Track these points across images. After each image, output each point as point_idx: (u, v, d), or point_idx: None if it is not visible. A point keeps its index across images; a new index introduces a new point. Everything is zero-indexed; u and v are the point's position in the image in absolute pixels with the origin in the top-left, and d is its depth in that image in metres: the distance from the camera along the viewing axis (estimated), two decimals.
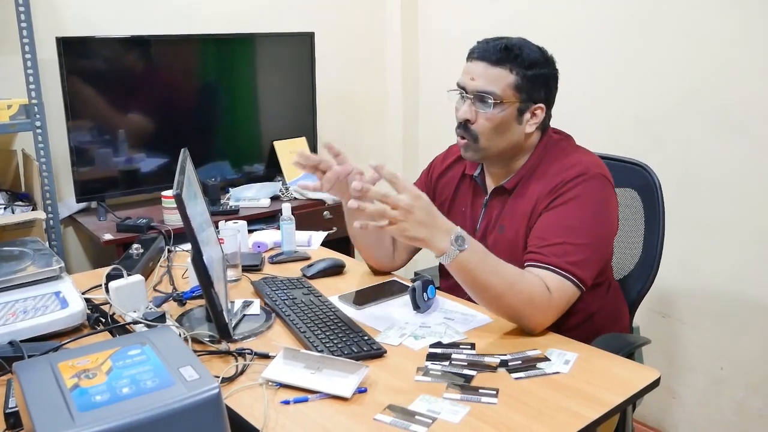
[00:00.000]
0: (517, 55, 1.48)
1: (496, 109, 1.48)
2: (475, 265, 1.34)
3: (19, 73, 2.23)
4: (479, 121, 1.50)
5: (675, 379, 2.43)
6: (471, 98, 1.50)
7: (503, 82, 1.48)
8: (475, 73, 1.49)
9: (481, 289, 1.37)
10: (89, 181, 2.52)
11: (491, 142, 1.51)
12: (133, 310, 1.47)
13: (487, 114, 1.49)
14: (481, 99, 1.48)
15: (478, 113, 1.50)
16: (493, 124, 1.49)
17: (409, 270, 2.26)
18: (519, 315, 1.38)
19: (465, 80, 1.51)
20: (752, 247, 2.17)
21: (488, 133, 1.50)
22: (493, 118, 1.49)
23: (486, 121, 1.49)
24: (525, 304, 1.36)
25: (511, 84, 1.48)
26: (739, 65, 2.13)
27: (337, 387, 1.18)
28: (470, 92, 1.50)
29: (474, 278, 1.36)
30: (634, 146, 2.39)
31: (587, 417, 1.11)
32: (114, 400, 0.88)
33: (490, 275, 1.35)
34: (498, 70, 1.48)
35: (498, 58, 1.47)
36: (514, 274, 1.38)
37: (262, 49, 2.92)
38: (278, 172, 2.95)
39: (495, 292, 1.36)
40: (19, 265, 1.55)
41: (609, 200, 1.50)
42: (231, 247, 1.72)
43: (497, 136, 1.51)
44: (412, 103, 3.42)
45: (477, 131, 1.50)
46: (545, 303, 1.37)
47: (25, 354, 1.25)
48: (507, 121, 1.50)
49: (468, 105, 1.50)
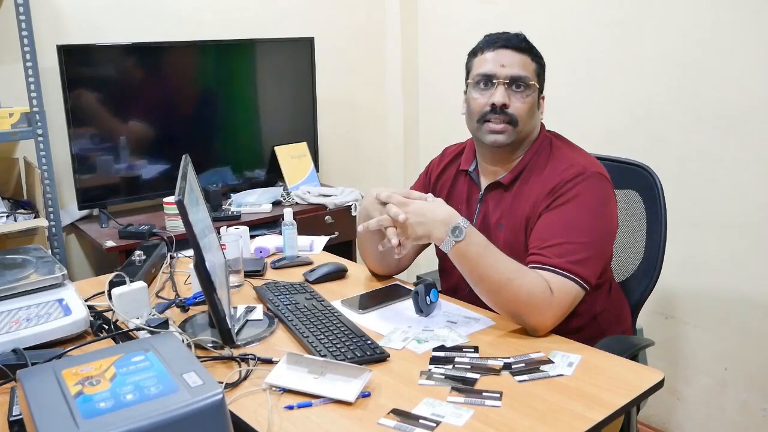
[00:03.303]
0: (532, 46, 1.58)
1: (528, 92, 1.54)
2: (474, 255, 1.39)
3: (21, 81, 2.24)
4: (515, 105, 1.54)
5: (679, 381, 2.43)
6: (506, 83, 1.53)
7: (530, 67, 1.56)
8: (504, 59, 1.54)
9: (478, 280, 1.41)
10: (91, 188, 2.52)
11: (526, 125, 1.56)
12: (136, 317, 1.47)
13: (519, 97, 1.54)
14: (516, 82, 1.53)
15: (511, 97, 1.53)
16: (528, 107, 1.54)
17: (412, 274, 2.26)
18: (518, 312, 1.39)
19: (493, 68, 1.55)
20: (754, 248, 2.17)
21: (525, 115, 1.54)
22: (526, 101, 1.54)
23: (522, 104, 1.54)
24: (523, 302, 1.37)
25: (535, 70, 1.57)
26: (738, 65, 2.13)
27: (340, 392, 1.18)
28: (502, 77, 1.53)
29: (471, 268, 1.40)
30: (634, 147, 2.39)
31: (592, 419, 1.11)
32: (118, 407, 0.88)
33: (488, 268, 1.38)
34: (523, 57, 1.55)
35: (522, 46, 1.56)
36: (514, 270, 1.39)
37: (263, 54, 2.92)
38: (279, 178, 2.96)
39: (492, 285, 1.39)
40: (21, 273, 1.55)
41: (608, 199, 1.51)
42: (233, 253, 1.72)
43: (530, 119, 1.56)
44: (413, 107, 3.42)
45: (516, 114, 1.54)
46: (545, 302, 1.37)
47: (28, 361, 1.25)
48: (534, 104, 1.56)
49: (502, 90, 1.53)
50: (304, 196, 2.83)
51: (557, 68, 2.63)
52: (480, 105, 1.56)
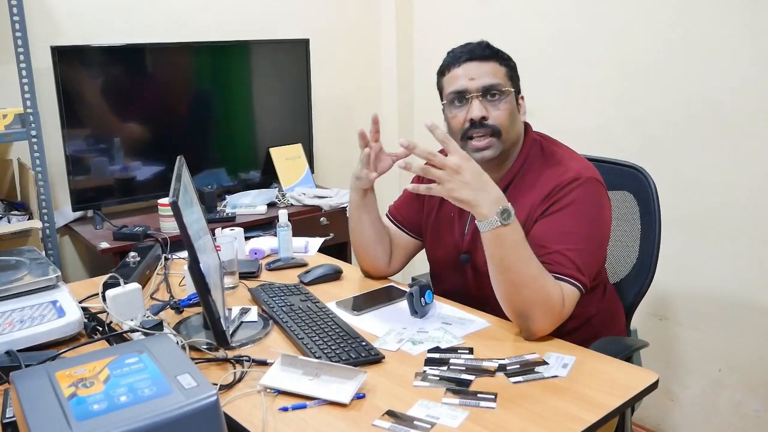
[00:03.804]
0: (497, 50, 1.56)
1: (503, 100, 1.52)
2: (511, 243, 1.34)
3: (14, 83, 2.23)
4: (493, 114, 1.51)
5: (673, 382, 2.44)
6: (479, 95, 1.51)
7: (500, 73, 1.53)
8: (473, 72, 1.52)
9: (505, 270, 1.36)
10: (85, 189, 2.52)
11: (509, 133, 1.53)
12: (131, 319, 1.47)
13: (494, 106, 1.51)
14: (489, 92, 1.51)
15: (488, 108, 1.51)
16: (508, 113, 1.52)
17: (406, 275, 2.26)
18: (529, 313, 1.37)
19: (464, 83, 1.52)
20: (748, 249, 2.18)
21: (507, 123, 1.52)
22: (503, 108, 1.52)
23: (501, 112, 1.51)
24: (539, 303, 1.35)
25: (505, 74, 1.54)
26: (733, 67, 2.14)
27: (335, 393, 1.18)
28: (474, 90, 1.51)
29: (503, 257, 1.35)
30: (628, 148, 2.40)
31: (586, 420, 1.11)
32: (111, 409, 0.88)
33: (519, 260, 1.35)
34: (490, 65, 1.53)
35: (486, 54, 1.54)
36: (540, 271, 1.37)
37: (258, 56, 2.92)
38: (274, 179, 2.95)
39: (518, 279, 1.35)
40: (15, 275, 1.55)
41: (603, 204, 1.51)
42: (228, 255, 1.72)
43: (512, 125, 1.54)
44: (408, 110, 3.42)
45: (497, 124, 1.51)
46: (557, 310, 1.37)
47: (22, 363, 1.25)
48: (513, 109, 1.54)
49: (477, 103, 1.51)
50: (299, 197, 2.83)
51: (551, 69, 2.65)
52: (459, 122, 1.53)
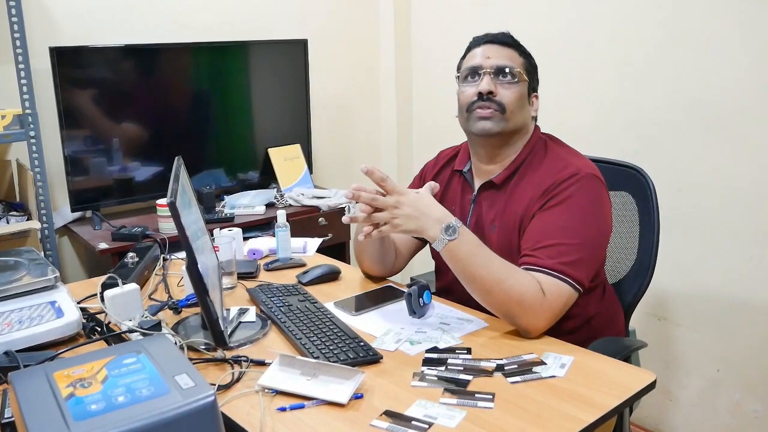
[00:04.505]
0: (519, 43, 1.60)
1: (515, 82, 1.55)
2: (465, 255, 1.40)
3: (13, 83, 2.23)
4: (502, 92, 1.54)
5: (672, 382, 2.44)
6: (491, 72, 1.55)
7: (517, 60, 1.57)
8: (490, 52, 1.57)
9: (470, 280, 1.41)
10: (84, 190, 2.52)
11: (515, 114, 1.55)
12: (129, 319, 1.47)
13: (506, 86, 1.55)
14: (502, 72, 1.55)
15: (498, 86, 1.54)
16: (516, 96, 1.55)
17: (405, 275, 2.27)
18: (509, 313, 1.39)
19: (480, 61, 1.57)
20: (747, 249, 2.18)
21: (513, 103, 1.54)
22: (513, 89, 1.54)
23: (509, 91, 1.54)
24: (514, 303, 1.37)
25: (523, 64, 1.58)
26: (732, 67, 2.14)
27: (333, 393, 1.18)
28: (488, 67, 1.55)
29: (463, 268, 1.41)
30: (627, 149, 2.40)
31: (583, 420, 1.11)
32: (109, 409, 0.88)
33: (480, 268, 1.39)
34: (510, 50, 1.58)
35: (506, 40, 1.59)
36: (506, 271, 1.39)
37: (256, 56, 2.92)
38: (273, 180, 2.96)
39: (484, 285, 1.39)
40: (14, 275, 1.55)
41: (602, 201, 1.51)
42: (226, 255, 1.72)
43: (519, 108, 1.56)
44: (406, 110, 3.42)
45: (503, 101, 1.54)
46: (537, 304, 1.37)
47: (20, 364, 1.25)
48: (523, 95, 1.57)
49: (488, 79, 1.54)
50: (298, 198, 2.83)
51: (550, 70, 2.64)
52: (468, 96, 1.57)
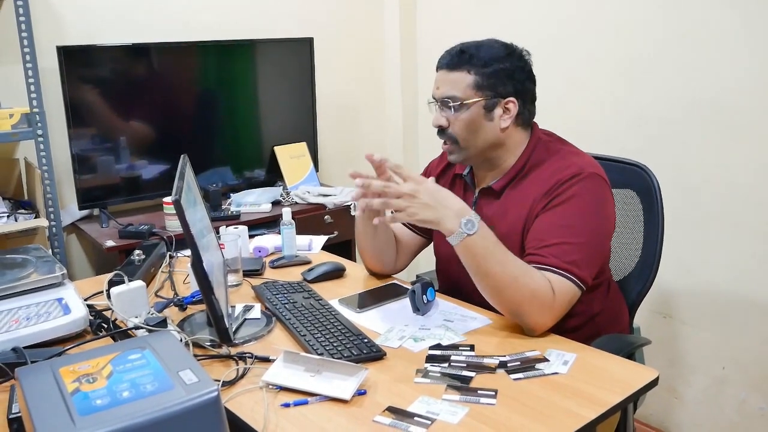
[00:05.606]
0: (472, 55, 1.52)
1: (461, 111, 1.53)
2: (482, 250, 1.38)
3: (21, 82, 2.25)
4: (452, 122, 1.55)
5: (677, 380, 2.43)
6: (440, 105, 1.56)
7: (462, 84, 1.52)
8: (439, 81, 1.57)
9: (483, 276, 1.40)
10: (91, 188, 2.54)
11: (469, 142, 1.55)
12: (135, 316, 1.48)
13: (453, 116, 1.54)
14: (446, 104, 1.54)
15: (448, 118, 1.55)
16: (464, 124, 1.53)
17: (410, 272, 2.27)
18: (519, 311, 1.39)
19: (433, 90, 1.58)
20: (751, 246, 2.18)
21: (463, 133, 1.54)
22: (460, 119, 1.53)
23: (458, 121, 1.54)
24: (526, 301, 1.37)
25: (471, 84, 1.52)
26: (735, 65, 2.13)
27: (336, 389, 1.19)
28: (438, 99, 1.56)
29: (478, 264, 1.39)
30: (631, 146, 2.40)
31: (586, 417, 1.11)
32: (114, 404, 0.89)
33: (495, 264, 1.37)
34: (456, 74, 1.53)
35: (454, 62, 1.54)
36: (521, 269, 1.38)
37: (262, 55, 2.93)
38: (279, 177, 2.96)
39: (498, 282, 1.38)
40: (22, 273, 1.56)
41: (605, 199, 1.51)
42: (232, 252, 1.73)
43: (472, 135, 1.55)
44: (412, 108, 3.43)
45: (453, 133, 1.55)
46: (548, 303, 1.37)
47: (27, 360, 1.26)
48: (475, 119, 1.53)
49: (437, 112, 1.57)
50: (304, 195, 2.84)
51: (555, 69, 2.65)
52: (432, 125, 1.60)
